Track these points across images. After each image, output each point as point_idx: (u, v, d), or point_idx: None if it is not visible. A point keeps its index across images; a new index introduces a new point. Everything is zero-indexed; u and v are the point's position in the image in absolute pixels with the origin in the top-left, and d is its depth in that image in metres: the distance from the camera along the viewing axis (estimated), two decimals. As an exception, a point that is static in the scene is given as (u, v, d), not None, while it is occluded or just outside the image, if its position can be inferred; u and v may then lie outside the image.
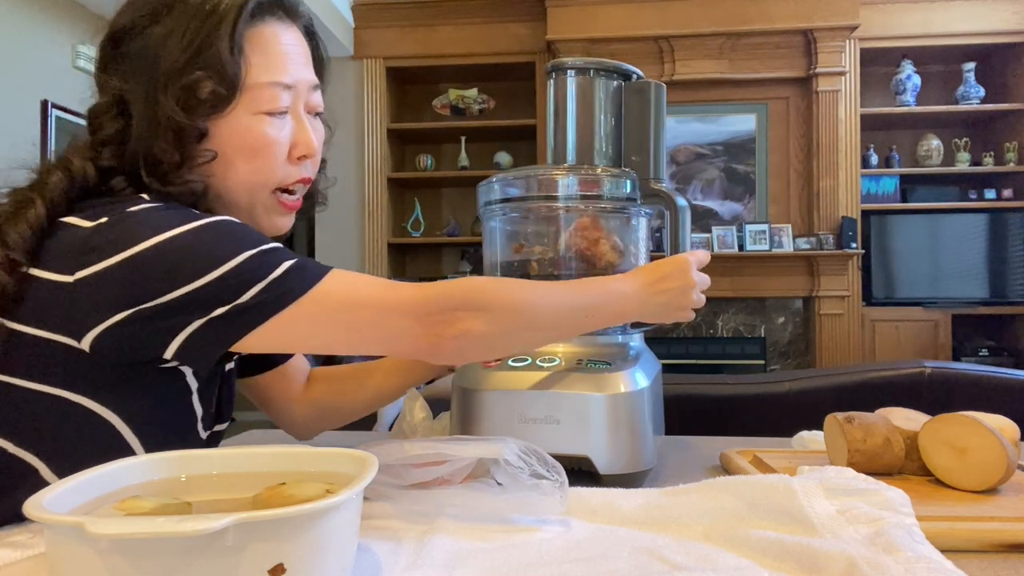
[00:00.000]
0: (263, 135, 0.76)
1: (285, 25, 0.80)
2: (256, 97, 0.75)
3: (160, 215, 0.68)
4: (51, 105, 4.04)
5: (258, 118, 0.75)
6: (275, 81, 0.76)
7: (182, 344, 0.66)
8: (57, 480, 0.49)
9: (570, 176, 0.85)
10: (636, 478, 0.76)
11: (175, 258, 0.65)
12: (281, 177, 0.79)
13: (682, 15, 4.56)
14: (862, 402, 1.56)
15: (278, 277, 0.66)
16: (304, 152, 0.79)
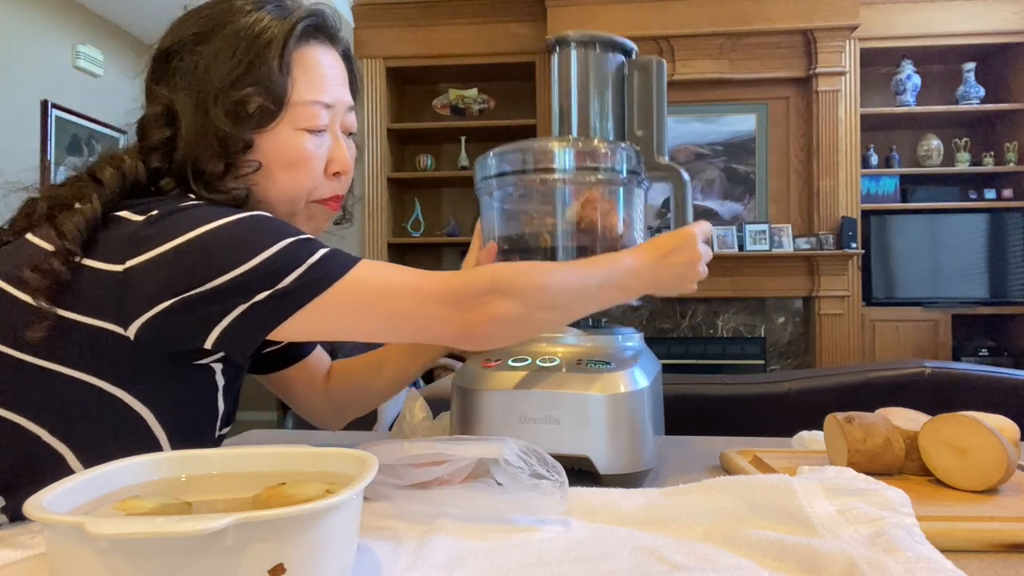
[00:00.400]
0: (304, 150, 0.81)
1: (326, 48, 0.84)
2: (299, 114, 0.80)
3: (206, 210, 0.72)
4: (51, 105, 4.04)
5: (299, 134, 0.80)
6: (317, 100, 0.81)
7: (224, 330, 0.68)
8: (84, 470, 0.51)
9: (577, 148, 0.86)
10: (636, 478, 0.76)
11: (218, 247, 0.68)
12: (318, 191, 0.84)
13: (682, 15, 4.56)
14: (862, 402, 1.56)
15: (315, 263, 0.69)
16: (339, 169, 0.84)
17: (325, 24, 0.84)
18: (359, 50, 5.06)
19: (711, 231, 0.84)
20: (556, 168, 0.85)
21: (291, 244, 0.70)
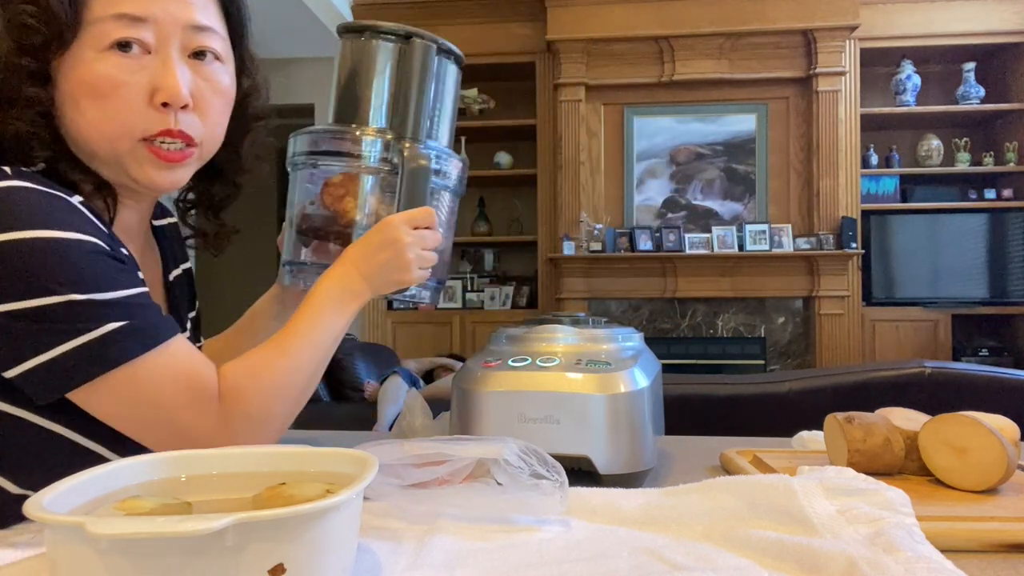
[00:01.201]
0: (107, 75, 0.68)
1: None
2: (97, 32, 0.68)
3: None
4: (51, 105, 4.04)
5: (104, 55, 0.69)
6: (120, 13, 0.68)
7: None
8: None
9: (319, 134, 0.86)
10: (636, 478, 0.76)
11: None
12: (142, 126, 0.71)
13: (682, 15, 4.57)
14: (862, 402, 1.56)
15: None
16: (165, 98, 0.70)
17: None
18: (359, 50, 5.06)
19: (421, 215, 0.79)
20: (309, 152, 0.87)
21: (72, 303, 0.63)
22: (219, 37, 0.76)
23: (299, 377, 0.74)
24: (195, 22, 0.72)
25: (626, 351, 0.83)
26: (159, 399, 0.67)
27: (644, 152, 4.84)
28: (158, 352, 0.67)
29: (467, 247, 5.24)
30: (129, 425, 0.68)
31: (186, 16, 0.72)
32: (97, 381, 0.64)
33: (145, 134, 0.71)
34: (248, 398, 0.71)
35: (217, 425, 0.69)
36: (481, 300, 5.05)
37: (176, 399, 0.67)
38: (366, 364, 3.96)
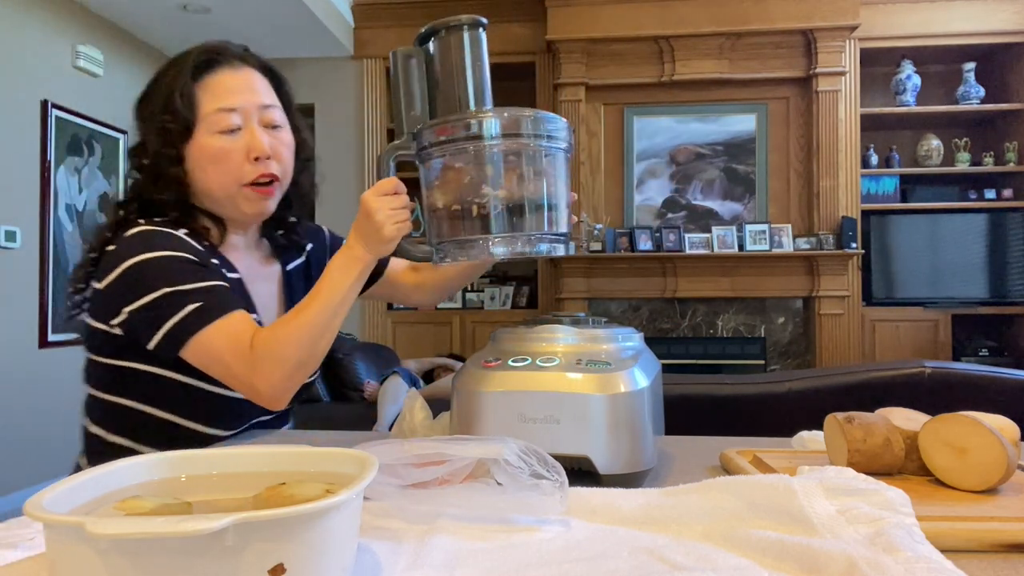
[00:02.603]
0: (220, 147, 1.06)
1: (231, 69, 1.09)
2: (209, 122, 1.06)
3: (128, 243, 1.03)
4: (51, 105, 4.04)
5: (215, 136, 1.06)
6: (221, 107, 1.06)
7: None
8: None
9: (503, 117, 0.88)
10: (636, 478, 0.76)
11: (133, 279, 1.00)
12: (244, 175, 1.07)
13: (682, 15, 4.57)
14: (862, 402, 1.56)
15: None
16: (257, 153, 1.06)
17: (220, 54, 1.09)
18: (359, 50, 5.06)
19: (385, 184, 0.96)
20: (484, 136, 0.87)
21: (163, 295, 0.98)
22: (278, 109, 1.11)
23: (311, 329, 0.97)
24: (263, 103, 1.09)
25: (626, 351, 0.83)
26: (218, 351, 0.97)
27: (644, 152, 4.84)
28: (219, 322, 0.98)
29: (467, 247, 5.24)
30: (211, 370, 1.00)
31: (257, 101, 1.08)
32: (189, 342, 0.97)
33: (247, 180, 1.07)
34: (269, 345, 0.97)
35: (248, 366, 0.97)
36: (481, 300, 5.05)
37: (225, 350, 0.97)
38: (366, 364, 3.96)
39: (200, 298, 0.97)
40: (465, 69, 0.95)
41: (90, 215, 4.38)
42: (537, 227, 0.89)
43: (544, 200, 0.90)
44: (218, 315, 0.97)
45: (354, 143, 5.07)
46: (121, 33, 4.69)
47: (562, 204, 0.92)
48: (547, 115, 0.90)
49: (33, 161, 3.95)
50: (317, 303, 0.97)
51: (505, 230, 0.88)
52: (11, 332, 3.80)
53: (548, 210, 0.91)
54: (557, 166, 0.91)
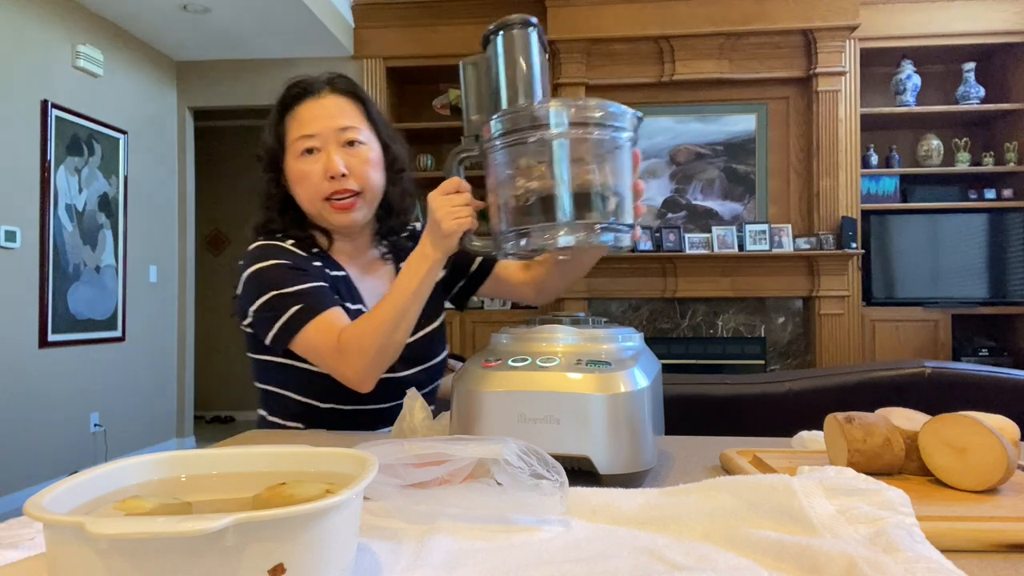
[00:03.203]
0: (300, 169, 1.23)
1: (312, 99, 1.25)
2: (294, 149, 1.23)
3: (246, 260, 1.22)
4: (51, 105, 4.04)
5: (298, 160, 1.23)
6: (301, 135, 1.22)
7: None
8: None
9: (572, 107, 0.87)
10: (636, 478, 0.76)
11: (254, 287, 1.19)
12: (323, 191, 1.22)
13: (682, 15, 4.57)
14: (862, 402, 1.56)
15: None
16: (331, 173, 1.21)
17: (305, 89, 1.26)
18: (359, 50, 5.06)
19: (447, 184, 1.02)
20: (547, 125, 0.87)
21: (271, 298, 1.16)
22: (358, 129, 1.24)
23: (385, 322, 1.08)
24: (341, 126, 1.23)
25: (626, 351, 0.83)
26: (315, 345, 1.13)
27: (644, 152, 4.84)
28: (316, 319, 1.13)
29: (467, 247, 5.23)
30: (312, 360, 1.16)
31: (334, 125, 1.22)
32: (295, 338, 1.14)
33: (325, 194, 1.22)
34: (352, 339, 1.10)
35: (337, 357, 1.11)
36: (481, 300, 5.05)
37: (320, 344, 1.12)
38: (366, 364, 3.96)
39: (301, 300, 1.14)
40: (518, 69, 0.97)
41: (90, 215, 4.38)
42: (603, 217, 0.88)
43: (609, 190, 0.90)
44: (315, 314, 1.13)
45: (354, 143, 5.08)
46: (121, 33, 4.69)
47: (627, 194, 0.92)
48: (612, 104, 0.89)
49: (33, 161, 3.95)
50: (390, 299, 1.09)
51: (569, 220, 0.87)
52: (11, 332, 3.80)
53: (613, 200, 0.90)
54: (622, 156, 0.91)
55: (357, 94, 1.28)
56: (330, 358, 1.12)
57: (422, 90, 5.33)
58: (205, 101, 5.29)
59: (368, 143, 1.25)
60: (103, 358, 4.49)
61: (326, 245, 1.29)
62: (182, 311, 5.31)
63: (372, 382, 1.12)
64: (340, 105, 1.25)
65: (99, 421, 4.42)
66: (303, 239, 1.26)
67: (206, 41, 4.91)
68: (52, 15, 4.10)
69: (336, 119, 1.23)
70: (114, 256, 4.60)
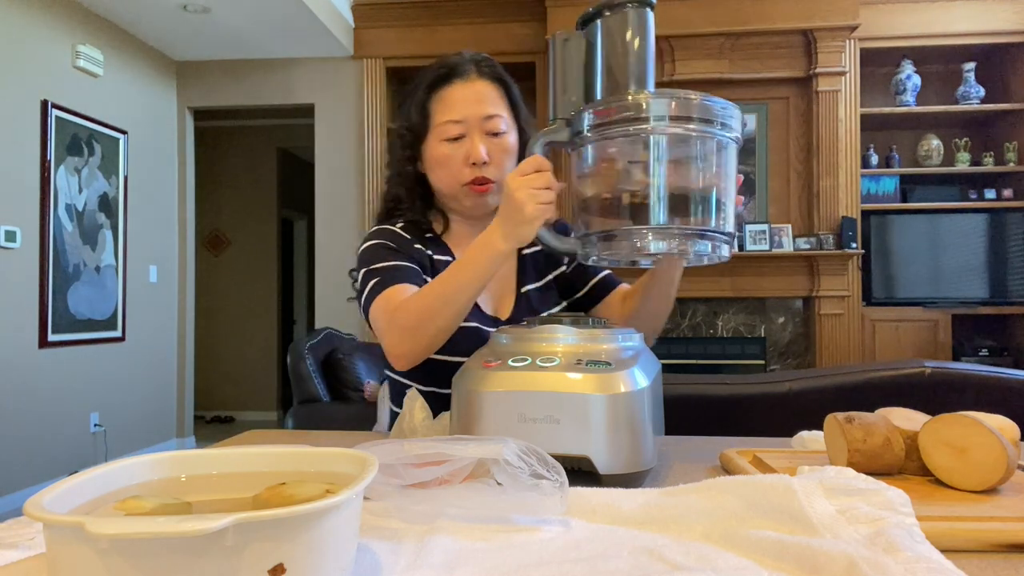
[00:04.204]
0: (443, 153, 1.22)
1: (462, 83, 1.23)
2: (438, 131, 1.22)
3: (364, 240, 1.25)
4: (51, 105, 4.04)
5: (441, 143, 1.22)
6: (447, 120, 1.21)
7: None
8: None
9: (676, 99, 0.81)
10: (636, 478, 0.76)
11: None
12: (462, 177, 1.21)
13: (682, 15, 4.57)
14: (862, 402, 1.56)
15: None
16: (473, 159, 1.20)
17: (452, 70, 1.23)
18: (359, 50, 5.06)
19: (529, 163, 0.95)
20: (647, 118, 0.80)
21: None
22: (502, 118, 1.23)
23: (429, 302, 1.05)
24: (486, 113, 1.21)
25: (626, 351, 0.83)
26: (376, 317, 1.14)
27: (644, 152, 4.84)
28: (384, 292, 1.13)
29: (467, 247, 5.24)
30: (376, 335, 1.15)
31: (480, 112, 1.21)
32: (368, 311, 1.16)
33: (465, 181, 1.21)
34: (396, 312, 1.08)
35: (384, 330, 1.11)
36: (481, 300, 5.05)
37: (379, 316, 1.13)
38: (366, 364, 3.96)
39: (379, 274, 1.15)
40: (628, 51, 0.89)
41: (90, 215, 4.38)
42: (701, 224, 0.81)
43: (710, 194, 0.82)
44: (385, 288, 1.13)
45: (354, 143, 5.07)
46: (121, 33, 4.69)
47: (729, 200, 0.85)
48: (717, 100, 0.82)
49: (33, 161, 3.95)
50: (440, 280, 1.05)
51: (663, 224, 0.80)
52: (11, 332, 3.80)
53: (713, 205, 0.83)
54: (726, 157, 0.84)
55: (502, 78, 1.28)
56: (380, 330, 1.12)
57: (422, 90, 5.32)
58: (205, 101, 5.29)
59: (508, 131, 1.24)
60: (103, 358, 4.49)
61: (440, 230, 1.30)
62: (182, 311, 5.31)
63: (407, 361, 1.09)
64: (486, 90, 1.24)
65: (99, 421, 4.42)
66: (415, 223, 1.27)
67: (206, 41, 4.91)
68: (52, 15, 4.10)
69: (483, 105, 1.22)
70: (114, 256, 4.60)
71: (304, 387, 3.75)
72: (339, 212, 5.07)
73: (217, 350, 6.70)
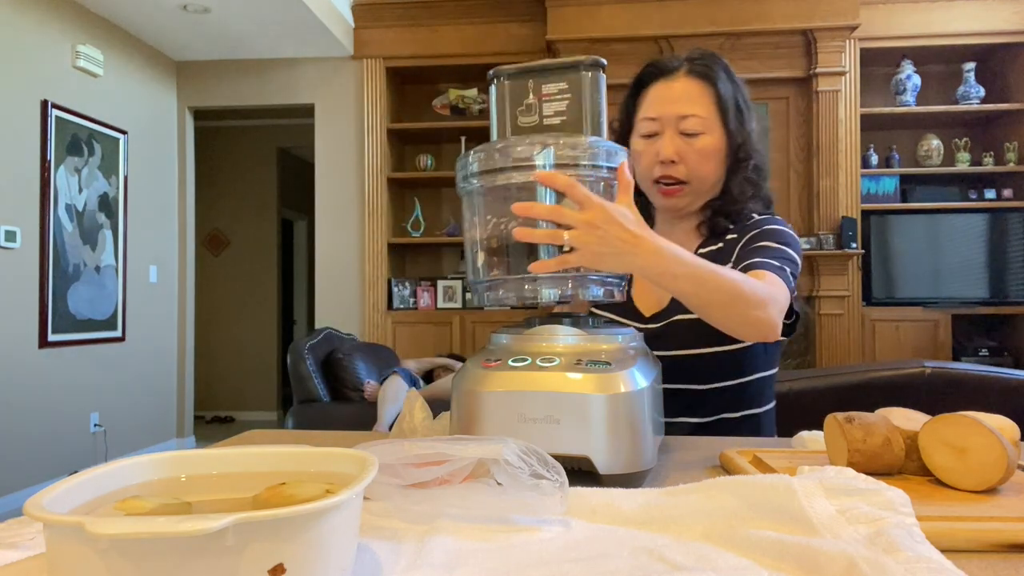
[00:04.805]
0: (638, 150, 1.25)
1: (666, 81, 1.24)
2: (638, 127, 1.25)
3: None
4: (51, 105, 4.04)
5: (638, 140, 1.25)
6: (644, 117, 1.24)
7: None
8: None
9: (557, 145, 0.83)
10: (636, 478, 0.76)
11: None
12: (652, 173, 1.23)
13: (682, 15, 4.56)
14: (862, 402, 1.56)
15: None
16: (662, 157, 1.21)
17: (659, 68, 1.25)
18: (359, 50, 5.06)
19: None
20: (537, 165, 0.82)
21: None
22: (700, 119, 1.21)
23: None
24: (681, 113, 1.21)
25: (626, 351, 0.83)
26: None
27: (644, 152, 4.84)
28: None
29: (467, 247, 5.23)
30: None
31: (676, 111, 1.21)
32: None
33: (655, 177, 1.23)
34: None
35: None
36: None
37: None
38: (366, 364, 3.96)
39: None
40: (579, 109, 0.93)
41: (90, 215, 4.38)
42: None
43: None
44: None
45: (354, 143, 5.07)
46: (121, 33, 4.69)
47: None
48: (600, 142, 0.85)
49: (33, 161, 3.95)
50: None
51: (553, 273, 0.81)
52: (11, 332, 3.80)
53: None
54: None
55: (711, 77, 1.24)
56: None
57: (422, 90, 5.33)
58: (205, 101, 5.29)
59: (708, 132, 1.22)
60: (103, 358, 4.49)
61: (650, 219, 1.32)
62: (182, 311, 5.31)
63: None
64: (689, 90, 1.23)
65: (99, 421, 4.42)
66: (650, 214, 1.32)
67: (206, 41, 4.91)
68: (52, 15, 4.10)
69: (679, 105, 1.22)
70: (114, 256, 4.60)
71: (304, 387, 3.75)
72: (339, 212, 5.07)
73: (217, 350, 6.70)
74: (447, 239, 5.06)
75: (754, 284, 0.95)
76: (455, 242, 5.11)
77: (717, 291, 0.90)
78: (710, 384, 1.19)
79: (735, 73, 1.28)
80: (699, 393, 1.19)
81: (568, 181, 0.79)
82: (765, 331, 0.97)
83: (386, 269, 5.00)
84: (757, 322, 0.95)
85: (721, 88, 1.23)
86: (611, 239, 0.79)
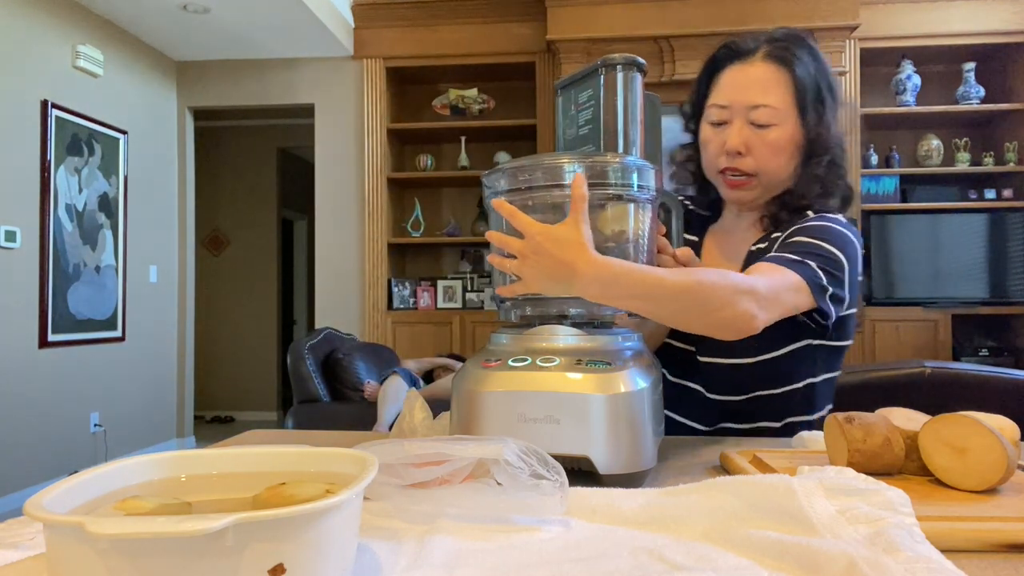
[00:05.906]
0: (705, 136, 1.19)
1: (740, 65, 1.16)
2: (707, 113, 1.18)
3: None
4: (51, 105, 4.04)
5: (706, 126, 1.18)
6: (712, 104, 1.17)
7: None
8: None
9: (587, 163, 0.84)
10: (636, 478, 0.76)
11: None
12: (718, 164, 1.17)
13: (682, 15, 4.56)
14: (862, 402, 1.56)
15: None
16: (728, 148, 1.14)
17: (734, 51, 1.17)
18: (359, 50, 5.06)
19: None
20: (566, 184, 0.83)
21: None
22: (774, 110, 1.12)
23: None
24: (753, 103, 1.13)
25: (626, 351, 0.83)
26: None
27: (644, 152, 4.84)
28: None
29: (467, 247, 5.23)
30: None
31: (747, 100, 1.13)
32: None
33: (720, 168, 1.17)
34: None
35: None
36: (481, 300, 5.05)
37: None
38: (366, 364, 3.96)
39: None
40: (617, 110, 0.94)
41: (90, 215, 4.38)
42: None
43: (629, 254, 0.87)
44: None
45: (354, 143, 5.07)
46: (121, 33, 4.69)
47: (650, 255, 0.90)
48: (634, 160, 0.86)
49: (33, 161, 3.95)
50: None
51: None
52: (11, 332, 3.80)
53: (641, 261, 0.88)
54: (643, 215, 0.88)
55: (791, 62, 1.14)
56: None
57: (422, 90, 5.32)
58: (205, 101, 5.29)
59: (781, 124, 1.13)
60: (103, 358, 4.49)
61: (717, 210, 1.29)
62: (182, 311, 5.31)
63: None
64: (764, 77, 1.13)
65: (99, 421, 4.42)
66: (697, 200, 1.30)
67: (206, 41, 4.91)
68: (52, 15, 4.10)
69: (751, 94, 1.13)
70: (114, 256, 4.60)
71: (304, 387, 3.75)
72: (339, 212, 5.07)
73: (217, 350, 6.71)
74: (447, 239, 5.05)
75: (721, 282, 0.88)
76: (455, 242, 5.11)
77: (672, 301, 0.85)
78: (751, 393, 1.13)
79: (821, 55, 1.17)
80: (738, 403, 1.14)
81: (511, 209, 0.81)
82: (739, 326, 0.89)
83: (386, 269, 5.00)
84: (723, 322, 0.89)
85: (800, 74, 1.13)
86: (544, 267, 0.80)
